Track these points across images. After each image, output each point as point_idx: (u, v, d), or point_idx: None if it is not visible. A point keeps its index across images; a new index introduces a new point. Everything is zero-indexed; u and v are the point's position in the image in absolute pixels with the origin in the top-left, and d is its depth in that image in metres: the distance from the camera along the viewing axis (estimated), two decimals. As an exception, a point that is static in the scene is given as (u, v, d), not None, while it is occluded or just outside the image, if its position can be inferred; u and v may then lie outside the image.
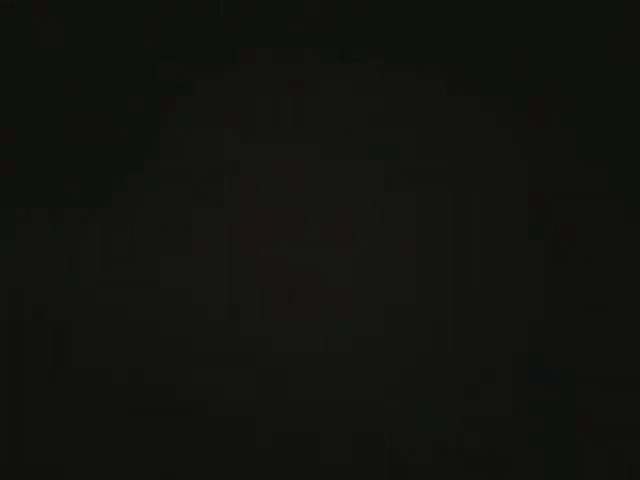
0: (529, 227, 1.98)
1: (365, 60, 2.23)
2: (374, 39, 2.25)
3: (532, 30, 2.23)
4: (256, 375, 1.77)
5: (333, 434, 1.70)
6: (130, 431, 1.71)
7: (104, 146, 2.08)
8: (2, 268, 1.91)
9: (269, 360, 1.79)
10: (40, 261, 1.93)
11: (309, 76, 2.22)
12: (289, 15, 2.25)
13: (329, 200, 2.02)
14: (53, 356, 1.79)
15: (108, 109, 2.13)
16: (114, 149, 2.09)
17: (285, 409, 1.73)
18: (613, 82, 2.17)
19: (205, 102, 2.17)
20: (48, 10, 2.06)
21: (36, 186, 2.02)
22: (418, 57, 2.23)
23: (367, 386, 1.76)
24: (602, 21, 2.20)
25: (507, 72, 2.21)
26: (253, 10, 2.20)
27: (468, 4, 2.26)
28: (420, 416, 1.72)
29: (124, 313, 1.86)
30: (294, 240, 1.96)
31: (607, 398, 1.74)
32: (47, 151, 2.05)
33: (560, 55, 2.21)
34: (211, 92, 2.20)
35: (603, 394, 1.75)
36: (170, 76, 2.19)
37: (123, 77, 2.16)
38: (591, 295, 1.88)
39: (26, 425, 1.72)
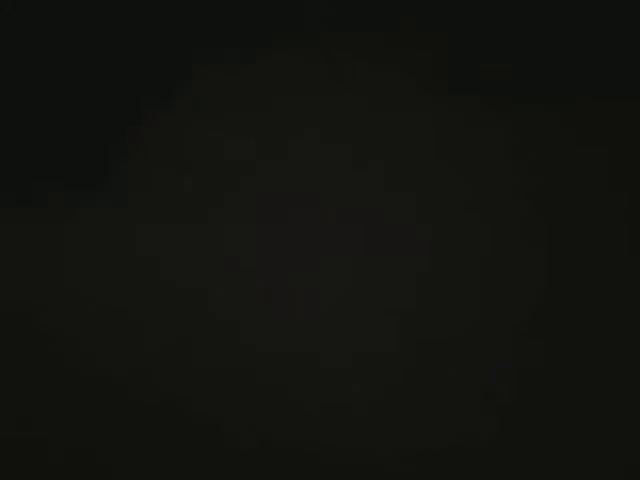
0: (529, 228, 1.97)
1: (365, 60, 2.22)
2: (373, 39, 2.24)
3: (532, 28, 2.22)
4: (255, 383, 1.78)
5: (336, 440, 1.71)
6: (124, 438, 1.71)
7: (89, 143, 2.06)
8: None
9: (268, 369, 1.79)
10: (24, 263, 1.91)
11: (307, 77, 2.21)
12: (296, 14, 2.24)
13: (329, 205, 2.02)
14: (40, 362, 1.79)
15: (94, 107, 2.10)
16: (100, 146, 2.07)
17: (285, 413, 1.74)
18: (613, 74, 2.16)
19: (203, 99, 2.17)
20: None
21: (18, 187, 2.00)
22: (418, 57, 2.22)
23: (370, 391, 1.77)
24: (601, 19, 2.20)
25: (506, 70, 2.20)
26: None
27: (469, 4, 2.25)
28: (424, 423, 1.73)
29: (114, 318, 1.85)
30: (293, 246, 1.96)
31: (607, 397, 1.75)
32: (29, 153, 2.03)
33: (560, 51, 2.20)
34: (210, 89, 2.20)
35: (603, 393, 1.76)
36: (163, 72, 2.18)
37: (109, 73, 2.13)
38: (592, 292, 1.88)
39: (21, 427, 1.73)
